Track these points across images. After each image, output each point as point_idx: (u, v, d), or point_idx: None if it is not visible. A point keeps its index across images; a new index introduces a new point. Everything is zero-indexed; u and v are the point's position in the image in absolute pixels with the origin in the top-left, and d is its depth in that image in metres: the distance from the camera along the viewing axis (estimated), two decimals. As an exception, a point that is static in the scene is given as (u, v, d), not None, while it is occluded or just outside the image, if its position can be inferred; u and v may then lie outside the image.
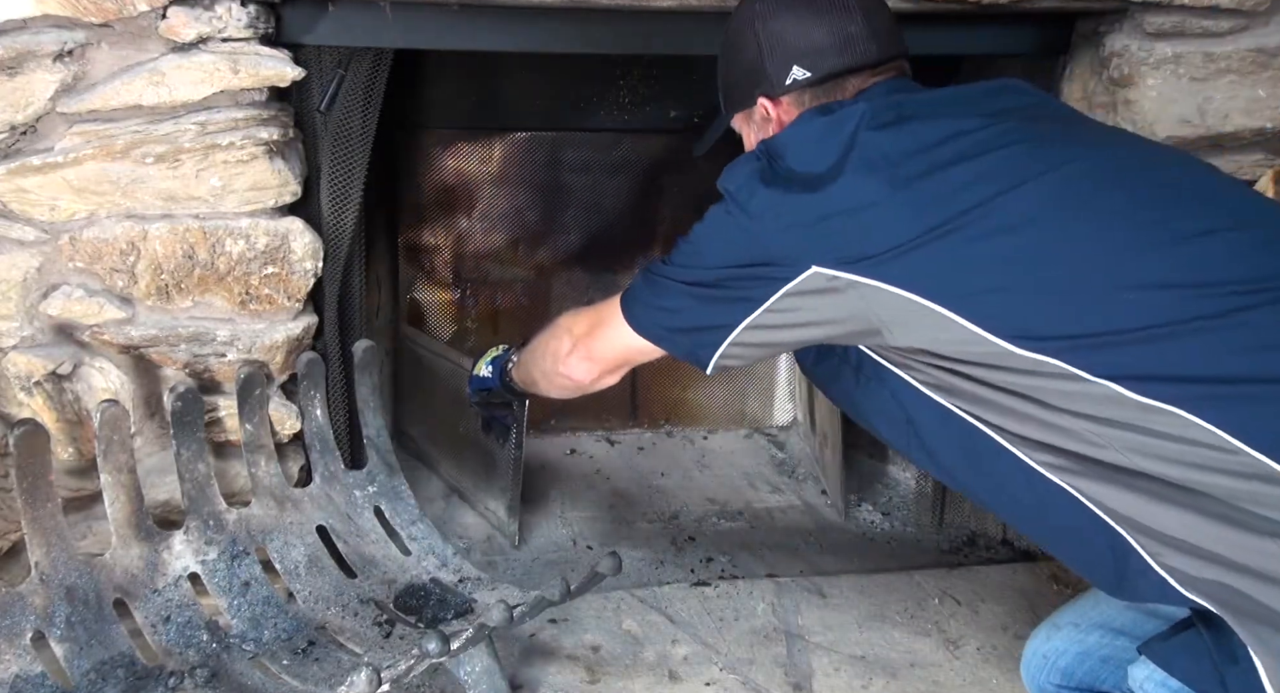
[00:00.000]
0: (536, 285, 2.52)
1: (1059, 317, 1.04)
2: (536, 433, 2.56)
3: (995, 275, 1.06)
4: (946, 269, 1.06)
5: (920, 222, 1.07)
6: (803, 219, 1.11)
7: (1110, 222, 1.06)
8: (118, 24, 1.40)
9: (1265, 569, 0.96)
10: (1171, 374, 1.00)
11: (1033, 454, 1.11)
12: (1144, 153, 1.20)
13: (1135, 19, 1.72)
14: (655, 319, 1.27)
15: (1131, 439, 1.01)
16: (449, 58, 2.21)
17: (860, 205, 1.09)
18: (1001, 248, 1.05)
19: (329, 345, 1.72)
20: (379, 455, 1.76)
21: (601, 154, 2.42)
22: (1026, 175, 1.08)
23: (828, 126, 1.16)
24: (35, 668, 1.35)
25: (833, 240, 1.09)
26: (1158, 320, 1.01)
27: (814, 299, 1.12)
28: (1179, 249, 1.04)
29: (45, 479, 1.38)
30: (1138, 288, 1.02)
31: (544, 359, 1.48)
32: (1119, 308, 1.02)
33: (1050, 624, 1.33)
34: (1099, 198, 1.08)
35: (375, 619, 1.58)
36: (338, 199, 1.66)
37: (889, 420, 1.25)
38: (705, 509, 2.27)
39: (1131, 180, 1.11)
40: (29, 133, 1.44)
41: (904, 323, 1.09)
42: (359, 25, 1.54)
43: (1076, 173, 1.09)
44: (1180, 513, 1.00)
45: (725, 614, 1.81)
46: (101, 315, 1.53)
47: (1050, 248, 1.05)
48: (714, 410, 2.68)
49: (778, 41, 1.29)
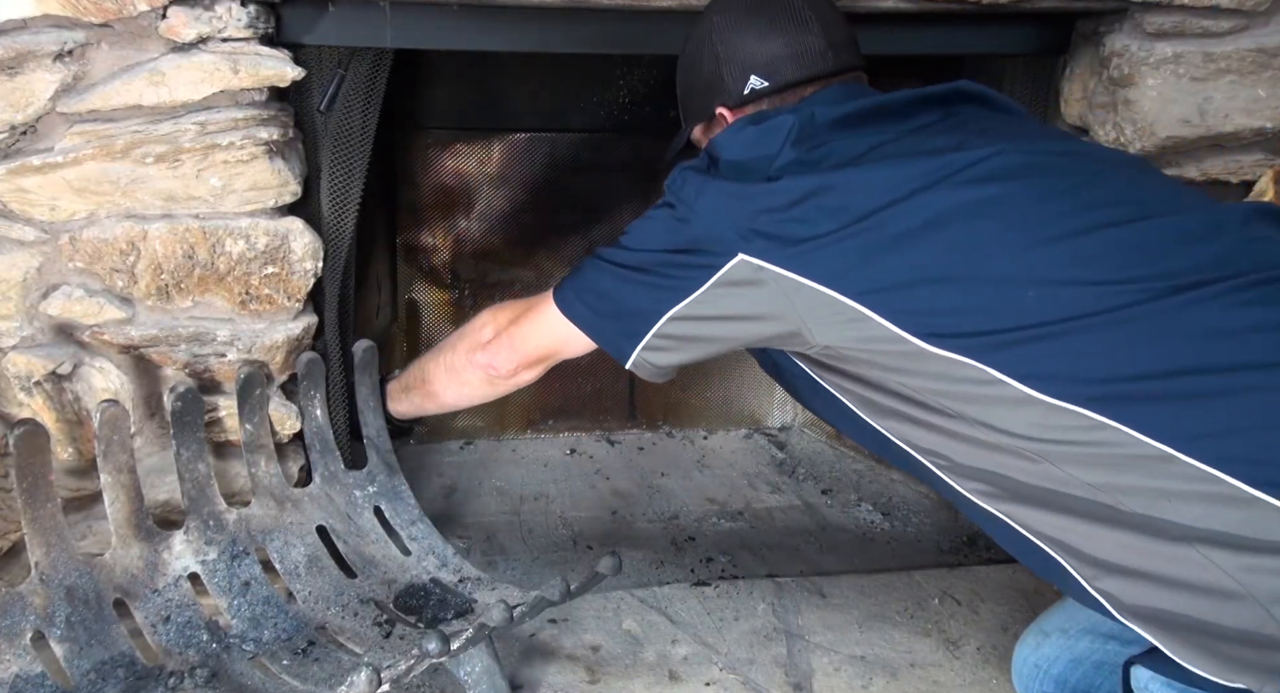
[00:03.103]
0: (536, 286, 2.52)
1: (969, 314, 1.05)
2: (536, 433, 2.57)
3: (906, 272, 1.08)
4: (860, 264, 1.09)
5: (837, 217, 1.10)
6: (733, 207, 1.14)
7: (1015, 218, 1.08)
8: (118, 24, 1.40)
9: (1189, 578, 0.96)
10: (1074, 373, 1.00)
11: (965, 483, 1.13)
12: (1065, 149, 1.21)
13: (1135, 19, 1.72)
14: (584, 301, 1.28)
15: (1053, 450, 1.01)
16: (448, 58, 2.21)
17: (787, 201, 1.12)
18: (915, 246, 1.08)
19: (329, 345, 1.72)
20: (379, 455, 1.76)
21: (601, 154, 2.42)
22: (940, 175, 1.10)
23: (758, 134, 1.19)
24: (35, 668, 1.35)
25: (759, 230, 1.12)
26: (1055, 316, 1.01)
27: (741, 291, 1.14)
28: (1079, 241, 1.05)
29: (45, 479, 1.38)
30: (1039, 283, 1.03)
31: (454, 352, 1.48)
32: (1023, 304, 1.03)
33: (1038, 631, 1.33)
34: (1007, 194, 1.09)
35: (375, 619, 1.58)
36: (338, 199, 1.66)
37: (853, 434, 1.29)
38: (705, 509, 2.27)
39: (1041, 175, 1.12)
40: (29, 133, 1.44)
41: (821, 320, 1.11)
42: (359, 25, 1.54)
43: (987, 171, 1.10)
44: (1104, 529, 1.00)
45: (725, 614, 1.81)
46: (101, 315, 1.53)
47: (959, 246, 1.07)
48: (714, 411, 2.68)
49: (735, 53, 1.31)
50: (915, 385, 1.10)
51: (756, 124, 1.20)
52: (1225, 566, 0.94)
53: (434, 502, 2.20)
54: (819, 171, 1.13)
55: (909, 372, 1.09)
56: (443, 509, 2.18)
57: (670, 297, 1.18)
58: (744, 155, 1.18)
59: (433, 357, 1.57)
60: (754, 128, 1.20)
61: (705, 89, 1.36)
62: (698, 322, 1.18)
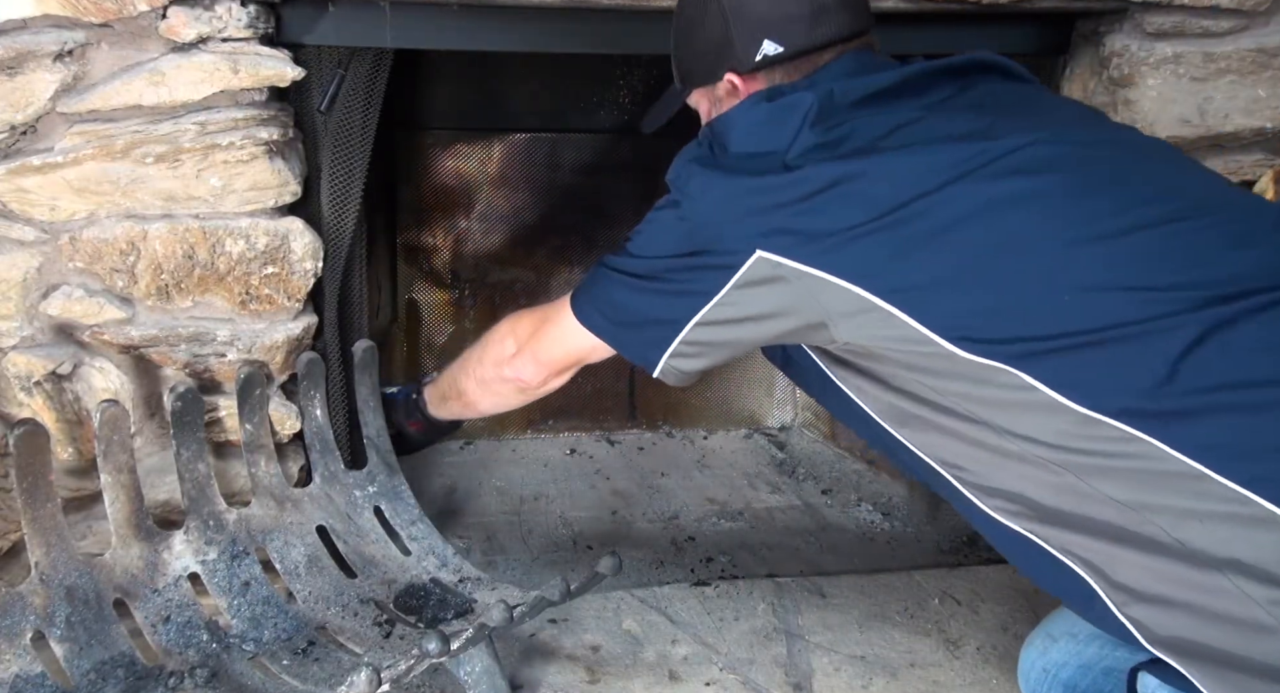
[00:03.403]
0: (536, 286, 2.52)
1: (1003, 318, 1.00)
2: (536, 433, 2.57)
3: (937, 270, 1.02)
4: (889, 261, 1.02)
5: (863, 210, 1.03)
6: (746, 202, 1.07)
7: (1050, 216, 1.02)
8: (118, 24, 1.40)
9: (1222, 610, 0.92)
10: (1110, 384, 0.95)
11: (986, 500, 1.08)
12: (1098, 137, 1.14)
13: (1135, 19, 1.72)
14: (602, 313, 1.23)
15: (1080, 461, 0.97)
16: (449, 58, 2.21)
17: (806, 192, 1.05)
18: (946, 243, 1.02)
19: (329, 345, 1.72)
20: (379, 455, 1.76)
21: (601, 155, 2.42)
22: (971, 167, 1.03)
23: (772, 113, 1.11)
24: (35, 668, 1.35)
25: (777, 225, 1.06)
26: (1094, 324, 0.96)
27: (762, 290, 1.08)
28: (1118, 244, 0.99)
29: (45, 479, 1.38)
30: (1076, 288, 0.98)
31: (481, 365, 1.43)
32: (1059, 310, 0.98)
33: (1045, 635, 1.30)
34: (1042, 190, 1.03)
35: (375, 619, 1.58)
36: (338, 199, 1.66)
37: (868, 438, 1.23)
38: (705, 509, 2.27)
39: (1077, 170, 1.05)
40: (29, 133, 1.44)
41: (847, 317, 1.06)
42: (359, 25, 1.54)
43: (1020, 163, 1.04)
44: (1135, 553, 0.96)
45: (725, 614, 1.81)
46: (101, 315, 1.53)
47: (992, 245, 1.01)
48: (714, 411, 2.68)
49: (746, 11, 1.21)
50: (940, 388, 1.05)
51: (771, 101, 1.12)
52: (1257, 596, 0.90)
53: (434, 502, 2.20)
54: (841, 158, 1.06)
55: (936, 373, 1.04)
56: (443, 509, 2.18)
57: (691, 303, 1.12)
58: (757, 144, 1.10)
59: (462, 369, 1.52)
60: (768, 105, 1.11)
61: (711, 51, 1.24)
62: (722, 326, 1.13)
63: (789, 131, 1.08)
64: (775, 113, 1.10)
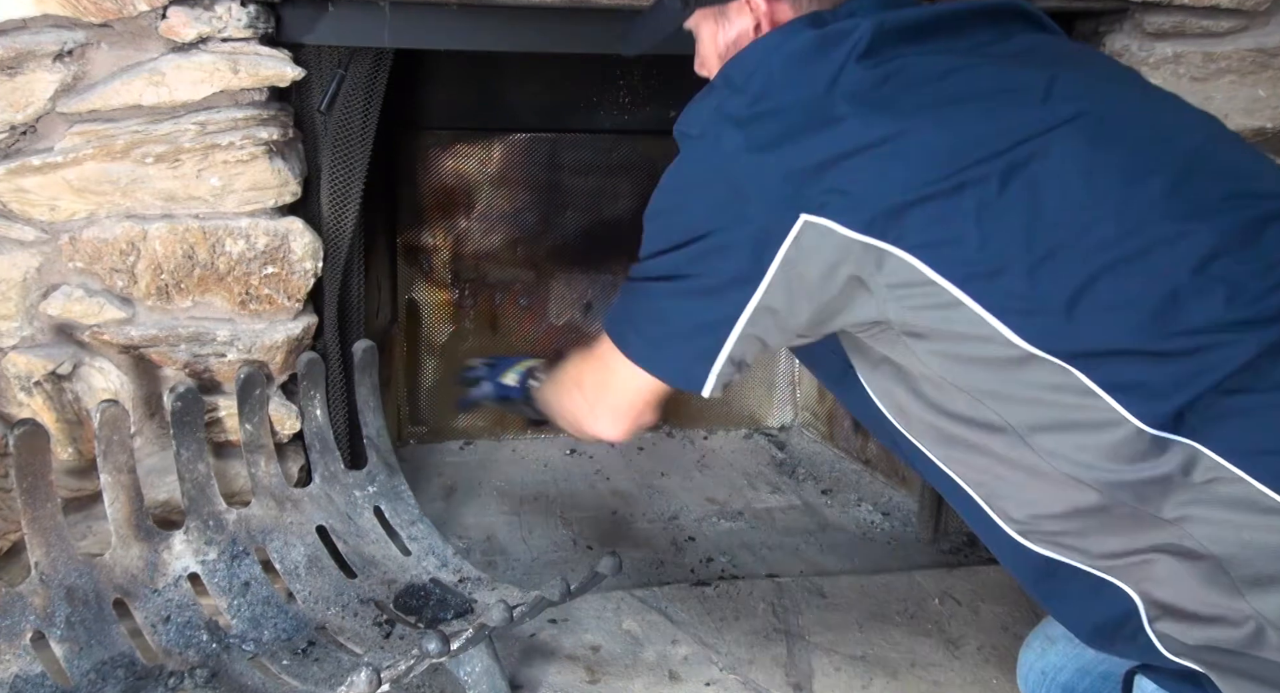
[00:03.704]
0: (536, 286, 2.52)
1: (1067, 314, 0.89)
2: (536, 433, 2.57)
3: (1011, 251, 0.89)
4: (951, 236, 0.89)
5: (925, 170, 0.89)
6: (787, 164, 0.92)
7: (1123, 213, 0.89)
8: (118, 24, 1.40)
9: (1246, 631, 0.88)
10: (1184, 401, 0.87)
11: (1012, 525, 1.03)
12: (1160, 124, 1.00)
13: (1135, 19, 1.72)
14: (645, 333, 1.05)
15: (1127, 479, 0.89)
16: (449, 58, 2.21)
17: (854, 146, 0.90)
18: (1012, 216, 0.88)
19: (329, 345, 1.72)
20: (379, 455, 1.76)
21: (601, 155, 2.42)
22: (1039, 128, 0.91)
23: (816, 44, 0.95)
24: (35, 668, 1.35)
25: (827, 189, 0.91)
26: (1179, 347, 0.88)
27: (811, 259, 0.93)
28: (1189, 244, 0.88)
29: (45, 479, 1.38)
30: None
31: (564, 419, 1.27)
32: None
33: (1043, 636, 1.28)
34: (1113, 174, 0.91)
35: (375, 619, 1.58)
36: (338, 199, 1.66)
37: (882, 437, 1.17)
38: (705, 509, 2.27)
39: (1146, 160, 0.93)
40: (29, 133, 1.44)
41: (901, 296, 0.92)
42: (359, 25, 1.54)
43: (1090, 131, 0.92)
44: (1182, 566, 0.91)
45: (725, 614, 1.81)
46: (101, 315, 1.53)
47: (1068, 229, 0.89)
48: (714, 411, 2.68)
49: None
50: (986, 390, 0.93)
51: (817, 28, 0.95)
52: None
53: (434, 502, 2.20)
54: (894, 111, 0.91)
55: (987, 365, 0.92)
56: (443, 509, 2.18)
57: (740, 290, 0.95)
58: (788, 85, 0.93)
59: (553, 407, 1.29)
60: (814, 33, 0.95)
61: None
62: (776, 313, 0.96)
63: (831, 67, 0.93)
64: (819, 44, 0.94)
